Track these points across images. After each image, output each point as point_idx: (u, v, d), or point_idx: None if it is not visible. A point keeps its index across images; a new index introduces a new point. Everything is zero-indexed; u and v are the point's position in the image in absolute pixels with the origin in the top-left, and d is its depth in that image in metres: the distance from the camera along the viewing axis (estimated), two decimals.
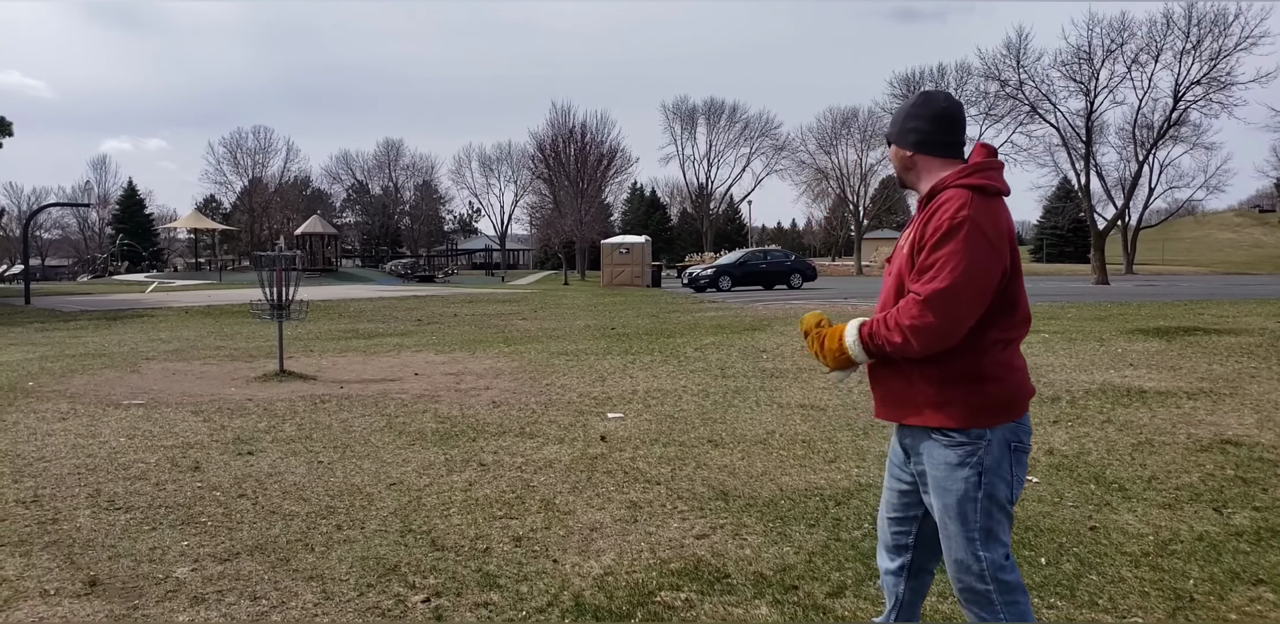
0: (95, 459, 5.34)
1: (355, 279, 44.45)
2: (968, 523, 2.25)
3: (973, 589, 2.29)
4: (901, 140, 2.39)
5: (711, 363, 9.63)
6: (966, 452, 2.24)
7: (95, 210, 77.06)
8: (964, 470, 2.24)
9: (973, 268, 2.13)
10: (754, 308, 19.32)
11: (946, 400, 2.25)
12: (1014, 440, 2.28)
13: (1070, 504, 4.24)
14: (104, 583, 3.35)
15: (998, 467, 2.25)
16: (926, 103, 2.38)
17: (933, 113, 2.36)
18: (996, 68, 36.76)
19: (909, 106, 2.40)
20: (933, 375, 2.26)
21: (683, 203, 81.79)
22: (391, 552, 3.67)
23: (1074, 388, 7.52)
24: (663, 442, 5.71)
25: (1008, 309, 2.26)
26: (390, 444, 5.72)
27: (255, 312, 9.77)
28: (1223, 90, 32.72)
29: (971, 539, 2.26)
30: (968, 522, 2.25)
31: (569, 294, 29.74)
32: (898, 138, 2.40)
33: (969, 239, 2.14)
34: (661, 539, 3.82)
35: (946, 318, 2.14)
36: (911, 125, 2.37)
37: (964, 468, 2.24)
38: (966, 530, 2.26)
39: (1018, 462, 2.29)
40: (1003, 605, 2.27)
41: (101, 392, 8.09)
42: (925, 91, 2.49)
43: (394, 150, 78.33)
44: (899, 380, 2.32)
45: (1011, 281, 2.25)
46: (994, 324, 2.24)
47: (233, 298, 23.14)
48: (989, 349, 2.24)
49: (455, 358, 10.64)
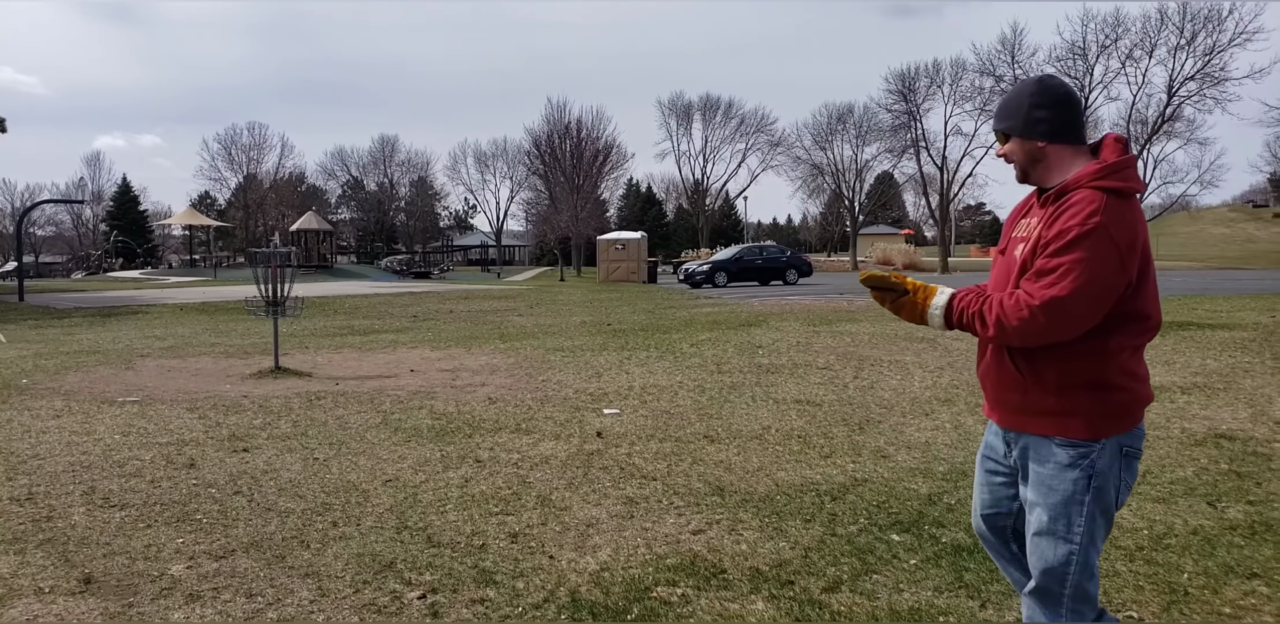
0: (90, 456, 5.33)
1: (351, 275, 44.39)
2: (1069, 525, 2.18)
3: (1048, 590, 2.23)
4: (1031, 131, 2.23)
5: (707, 359, 9.64)
6: (1079, 454, 2.17)
7: (89, 207, 76.81)
8: (1074, 472, 2.17)
9: (1095, 279, 2.04)
10: (750, 304, 19.33)
11: (1068, 410, 2.17)
12: (1128, 445, 2.21)
13: None
14: (99, 580, 3.35)
15: (1109, 470, 2.18)
16: (1046, 89, 2.24)
17: (1055, 98, 2.23)
18: (991, 63, 36.77)
19: (1027, 95, 2.25)
20: (1052, 383, 2.18)
21: (679, 199, 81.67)
22: (387, 548, 3.67)
23: None
24: (659, 437, 5.71)
25: (1136, 316, 2.16)
26: (386, 441, 5.71)
27: (250, 308, 9.75)
28: (1216, 86, 32.70)
29: (1068, 541, 2.18)
30: (1070, 524, 2.18)
31: (565, 290, 29.72)
32: (1024, 129, 2.23)
33: (1096, 248, 2.03)
34: (657, 535, 3.82)
35: (1055, 325, 2.07)
36: (1039, 114, 2.21)
37: (1074, 469, 2.17)
38: (1066, 532, 2.18)
39: (1128, 467, 2.22)
40: (1069, 612, 2.22)
41: (96, 389, 8.07)
42: (1038, 78, 2.32)
43: (389, 146, 78.10)
44: (1014, 388, 2.25)
45: (1139, 289, 2.14)
46: (1120, 330, 2.14)
47: (228, 294, 23.10)
48: (1114, 356, 2.16)
49: (451, 354, 10.63)
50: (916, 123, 46.24)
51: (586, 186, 57.03)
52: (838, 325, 13.21)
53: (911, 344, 10.52)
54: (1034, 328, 2.08)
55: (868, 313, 15.52)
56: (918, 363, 8.95)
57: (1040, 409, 2.21)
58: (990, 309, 2.16)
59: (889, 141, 51.05)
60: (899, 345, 10.45)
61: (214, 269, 47.95)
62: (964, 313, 2.22)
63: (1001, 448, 2.38)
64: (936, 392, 7.26)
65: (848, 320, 14.07)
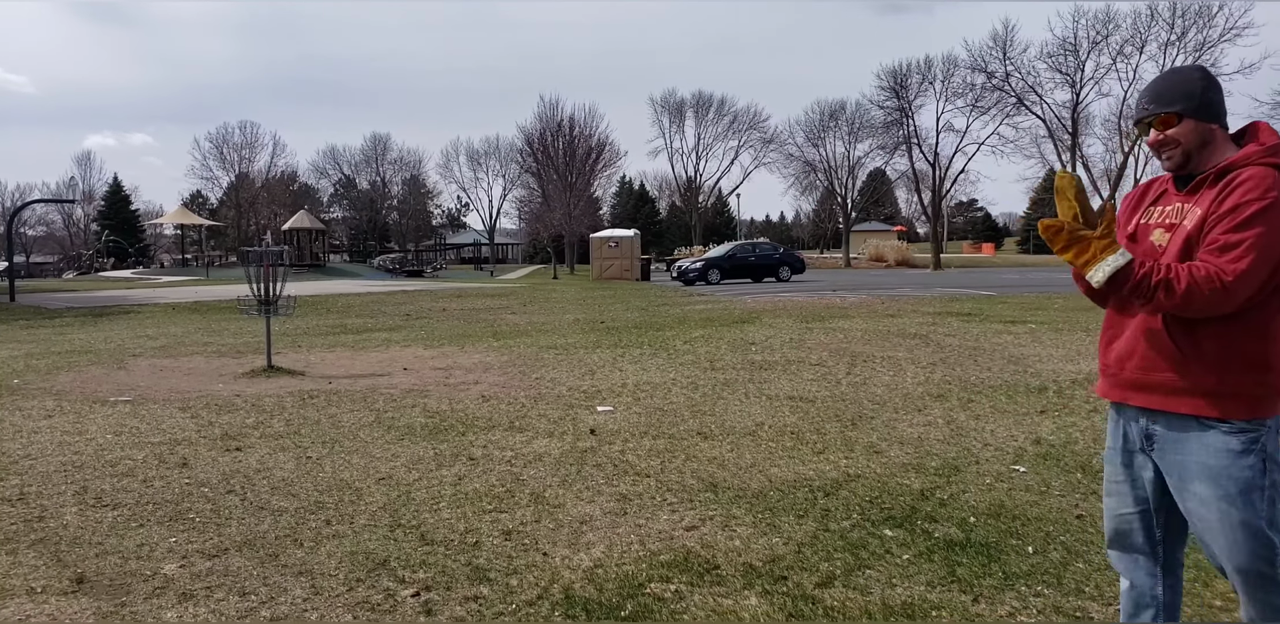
0: (82, 456, 5.31)
1: (343, 274, 44.28)
2: (1255, 511, 2.14)
3: (1261, 574, 2.19)
4: (1205, 113, 2.24)
5: (700, 355, 9.64)
6: (1250, 438, 2.14)
7: (80, 206, 76.48)
8: (1249, 458, 2.14)
9: (1273, 252, 2.06)
10: (743, 301, 19.34)
11: (1230, 391, 2.14)
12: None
13: (1057, 493, 4.26)
14: (91, 580, 3.34)
15: (1277, 452, 2.16)
16: (1209, 76, 2.29)
17: (1218, 85, 2.28)
18: (983, 60, 37.02)
19: (1196, 80, 2.27)
20: (1213, 363, 2.15)
21: (671, 196, 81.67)
22: (381, 546, 3.67)
23: (1061, 378, 7.56)
24: (652, 434, 5.72)
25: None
26: (379, 439, 5.71)
27: (243, 307, 9.73)
28: None
29: (1259, 528, 2.15)
30: (1255, 510, 2.14)
31: (558, 288, 29.71)
32: (1199, 111, 2.23)
33: (1275, 222, 2.06)
34: (651, 531, 3.82)
35: (1237, 296, 2.07)
36: (1212, 97, 2.24)
37: (1249, 455, 2.14)
38: (1255, 518, 2.14)
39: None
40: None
41: (88, 388, 8.04)
42: (1196, 65, 2.35)
43: (381, 144, 77.98)
44: (1169, 367, 2.21)
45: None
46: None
47: (220, 294, 23.03)
48: (1276, 336, 2.14)
49: (444, 352, 10.62)
50: (909, 119, 46.40)
51: (579, 184, 56.94)
52: (830, 322, 13.23)
53: (904, 340, 10.55)
54: (1222, 299, 2.06)
55: (860, 309, 15.55)
56: (910, 359, 8.97)
57: (1196, 390, 2.18)
58: (1179, 278, 2.10)
59: (881, 138, 51.24)
60: (891, 341, 10.47)
61: (206, 268, 47.81)
62: (1147, 277, 2.13)
63: (1138, 437, 2.32)
64: (929, 387, 7.28)
65: (840, 317, 14.10)
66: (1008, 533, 3.70)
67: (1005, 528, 3.76)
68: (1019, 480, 4.48)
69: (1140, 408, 2.30)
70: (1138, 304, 2.22)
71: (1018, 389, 7.09)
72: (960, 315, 14.15)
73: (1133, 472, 2.36)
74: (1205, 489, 2.19)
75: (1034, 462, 4.84)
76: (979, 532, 3.72)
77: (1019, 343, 10.12)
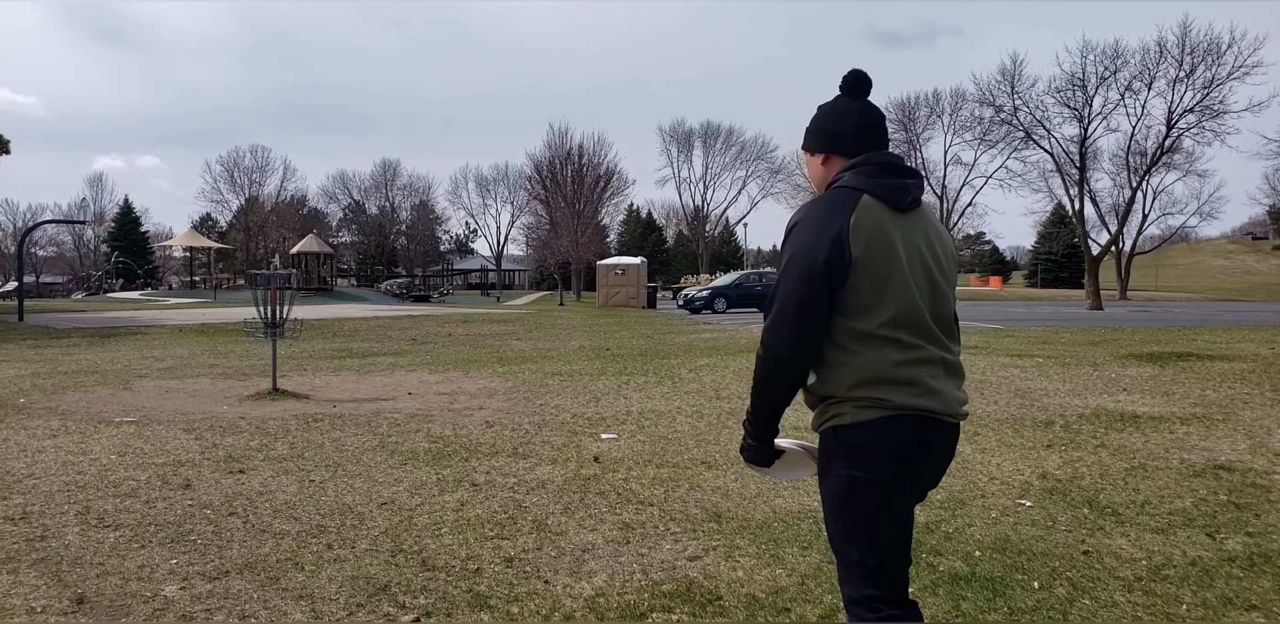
0: (85, 476, 5.31)
1: (350, 298, 44.41)
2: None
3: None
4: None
5: (706, 384, 9.63)
6: None
7: (91, 228, 77.06)
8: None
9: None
10: (749, 329, 19.33)
11: None
12: None
13: (1064, 528, 4.23)
14: (91, 601, 3.32)
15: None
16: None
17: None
18: (991, 93, 37.11)
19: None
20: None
21: (679, 225, 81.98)
22: (382, 571, 3.65)
23: (1068, 412, 7.53)
24: (656, 463, 5.70)
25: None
26: (382, 463, 5.70)
27: (249, 330, 9.75)
28: (1215, 118, 32.99)
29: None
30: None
31: (564, 315, 29.73)
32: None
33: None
34: (654, 560, 3.80)
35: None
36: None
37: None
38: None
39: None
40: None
41: (93, 409, 8.05)
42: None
43: (391, 170, 78.58)
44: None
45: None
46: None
47: (227, 316, 23.09)
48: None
49: (449, 377, 10.62)
50: (916, 152, 46.60)
51: (587, 212, 57.25)
52: None
53: None
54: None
55: None
56: None
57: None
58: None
59: None
60: None
61: (214, 291, 47.97)
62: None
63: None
64: None
65: None
66: (1013, 568, 3.67)
67: (1010, 562, 3.73)
68: (1025, 515, 4.45)
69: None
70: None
71: (1024, 423, 7.06)
72: (966, 348, 14.09)
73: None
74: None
75: (1040, 496, 4.81)
76: (984, 566, 3.69)
77: (1026, 376, 10.08)
